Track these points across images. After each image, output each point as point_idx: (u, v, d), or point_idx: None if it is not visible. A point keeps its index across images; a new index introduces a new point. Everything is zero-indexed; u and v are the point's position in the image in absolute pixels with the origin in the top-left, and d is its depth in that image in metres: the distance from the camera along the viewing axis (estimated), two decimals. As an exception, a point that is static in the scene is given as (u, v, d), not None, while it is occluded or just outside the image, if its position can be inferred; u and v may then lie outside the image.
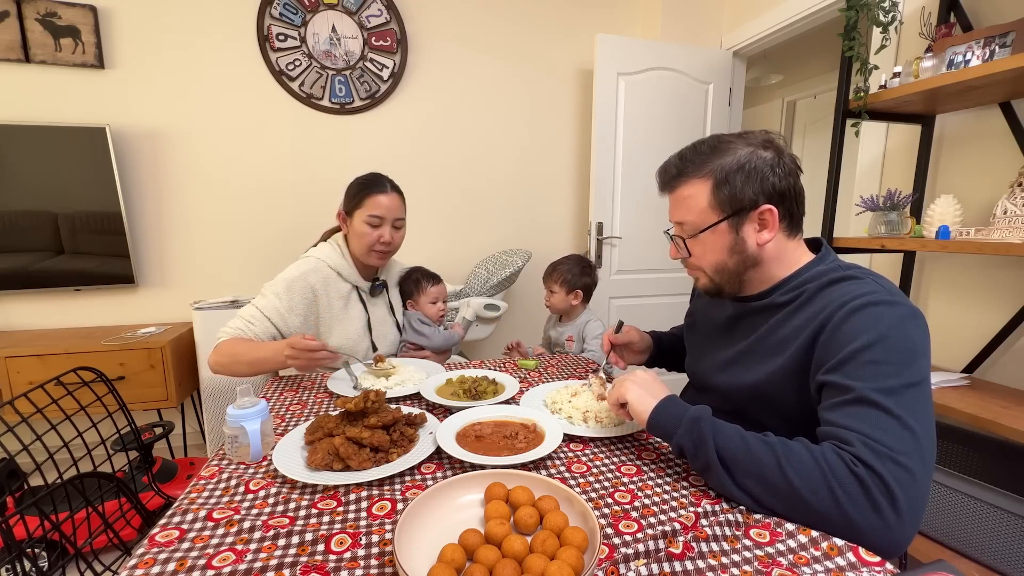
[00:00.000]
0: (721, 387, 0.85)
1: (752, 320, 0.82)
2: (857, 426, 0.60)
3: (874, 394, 0.60)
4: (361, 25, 2.30)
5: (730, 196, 0.75)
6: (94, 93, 2.05)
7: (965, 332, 1.56)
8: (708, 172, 0.76)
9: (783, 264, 0.79)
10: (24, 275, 2.01)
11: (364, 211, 1.28)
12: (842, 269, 0.75)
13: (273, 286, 1.26)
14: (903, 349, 0.63)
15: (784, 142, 0.77)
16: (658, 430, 0.73)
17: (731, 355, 0.84)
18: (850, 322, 0.66)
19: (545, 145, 2.69)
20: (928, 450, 0.59)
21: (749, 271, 0.80)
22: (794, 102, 3.87)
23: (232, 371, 1.17)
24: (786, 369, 0.73)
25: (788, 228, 0.78)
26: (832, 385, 0.65)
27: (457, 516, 0.62)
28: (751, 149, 0.74)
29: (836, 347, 0.66)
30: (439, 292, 1.53)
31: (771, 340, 0.77)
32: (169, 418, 2.23)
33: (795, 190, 0.76)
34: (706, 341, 0.95)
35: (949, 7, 1.49)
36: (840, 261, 0.79)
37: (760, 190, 0.74)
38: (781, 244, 0.78)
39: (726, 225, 0.77)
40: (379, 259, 1.35)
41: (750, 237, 0.77)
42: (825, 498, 0.57)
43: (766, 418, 0.77)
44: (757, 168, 0.73)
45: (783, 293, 0.77)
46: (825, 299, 0.71)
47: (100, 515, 1.03)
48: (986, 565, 1.18)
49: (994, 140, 1.46)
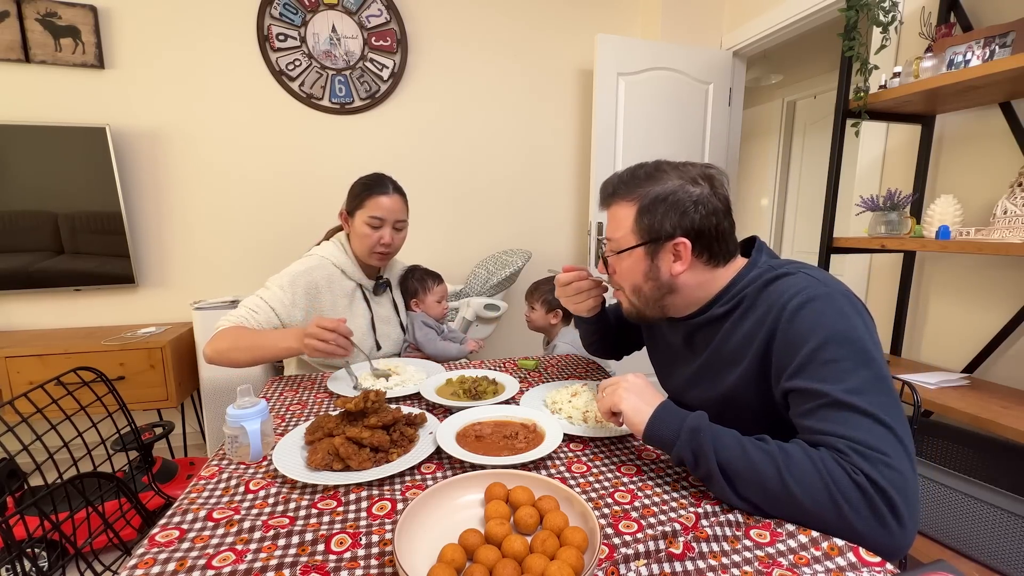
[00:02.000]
0: (695, 404, 0.85)
1: (704, 334, 0.83)
2: (840, 431, 0.60)
3: (845, 396, 0.61)
4: (361, 25, 2.30)
5: (649, 224, 0.77)
6: (94, 93, 2.05)
7: (965, 332, 1.56)
8: (636, 197, 0.78)
9: (705, 290, 0.80)
10: (24, 275, 2.01)
11: (365, 212, 1.28)
12: (773, 268, 0.76)
13: (278, 279, 1.25)
14: (853, 340, 0.64)
15: (724, 180, 0.78)
16: (655, 441, 0.71)
17: (694, 370, 0.86)
18: (795, 323, 0.67)
19: (545, 145, 2.69)
20: (908, 444, 0.60)
21: (667, 297, 0.81)
22: (794, 102, 3.87)
23: (229, 358, 1.13)
24: (747, 375, 0.74)
25: (708, 261, 0.78)
26: (799, 391, 0.66)
27: (457, 516, 0.62)
28: (681, 182, 0.76)
29: (791, 351, 0.67)
30: (443, 291, 1.54)
31: (726, 350, 0.78)
32: (169, 418, 2.23)
33: (716, 229, 0.76)
34: (670, 360, 0.95)
35: (949, 7, 1.49)
36: (772, 259, 0.80)
37: (678, 224, 0.75)
38: (699, 275, 0.79)
39: (642, 251, 0.79)
40: (379, 260, 1.35)
41: (664, 266, 0.78)
42: (828, 509, 0.57)
43: (738, 422, 0.76)
44: (680, 202, 0.75)
45: (721, 305, 0.79)
46: (766, 301, 0.72)
47: (100, 515, 1.03)
48: (986, 565, 1.18)
49: (994, 140, 1.46)
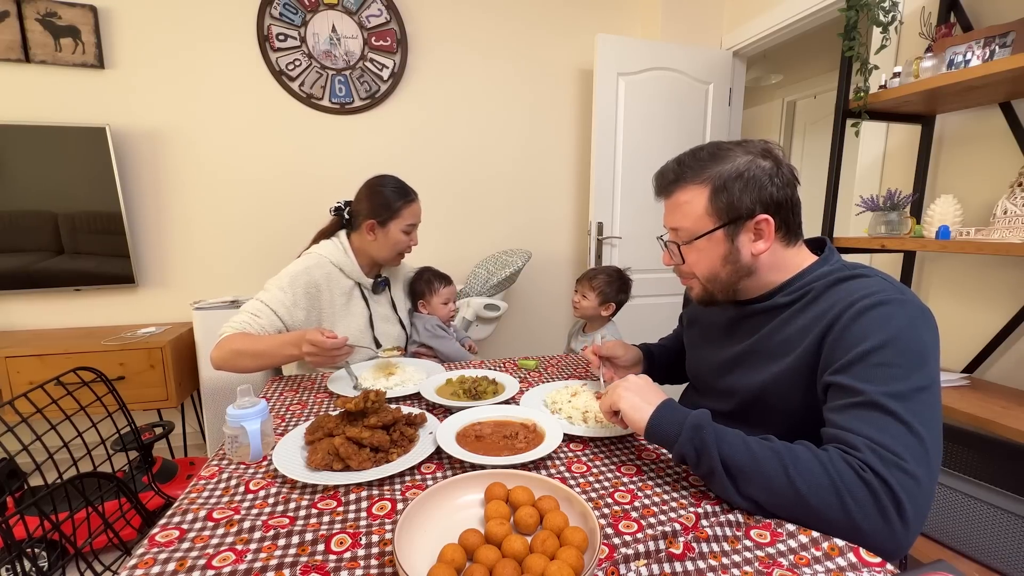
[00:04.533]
0: (725, 390, 0.83)
1: (754, 321, 0.81)
2: (864, 430, 0.59)
3: (884, 399, 0.59)
4: (361, 25, 2.30)
5: (727, 204, 0.74)
6: (94, 93, 2.05)
7: (965, 332, 1.56)
8: (706, 179, 0.75)
9: (780, 272, 0.78)
10: (24, 275, 2.01)
11: (402, 221, 1.31)
12: (848, 268, 0.74)
13: (277, 280, 1.25)
14: (914, 351, 0.61)
15: (782, 152, 0.76)
16: (657, 438, 0.70)
17: (732, 356, 0.83)
18: (859, 322, 0.65)
19: (545, 145, 2.69)
20: (935, 457, 0.58)
21: (743, 280, 0.79)
22: (794, 102, 3.87)
23: (236, 365, 1.13)
24: (793, 370, 0.72)
25: (785, 238, 0.77)
26: (840, 386, 0.64)
27: (457, 516, 0.62)
28: (750, 158, 0.73)
29: (845, 347, 0.65)
30: (450, 293, 1.54)
31: (774, 341, 0.76)
32: (169, 418, 2.23)
33: (792, 200, 0.75)
34: (706, 343, 0.93)
35: (949, 7, 1.49)
36: (845, 261, 0.78)
37: (758, 199, 0.73)
38: (777, 254, 0.77)
39: (722, 233, 0.76)
40: (399, 260, 1.40)
41: (745, 247, 0.76)
42: (833, 505, 0.56)
43: (769, 420, 0.76)
44: (756, 177, 0.72)
45: (786, 294, 0.76)
46: (832, 298, 0.70)
47: (100, 515, 1.03)
48: (986, 565, 1.18)
49: (994, 140, 1.46)
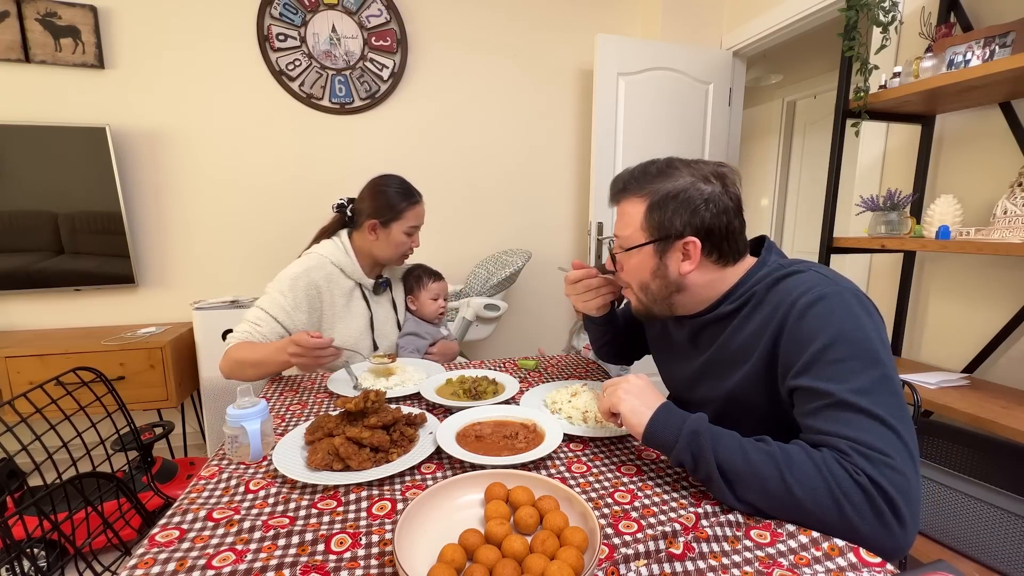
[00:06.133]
0: (700, 401, 0.86)
1: (710, 331, 0.83)
2: (844, 431, 0.60)
3: (851, 396, 0.60)
4: (361, 25, 2.30)
5: (659, 222, 0.76)
6: (94, 93, 2.05)
7: (965, 332, 1.56)
8: (647, 193, 0.77)
9: (714, 289, 0.80)
10: (24, 275, 2.01)
11: (405, 223, 1.31)
12: (783, 267, 0.76)
13: (277, 284, 1.25)
14: (860, 340, 0.63)
15: (737, 178, 0.77)
16: (655, 444, 0.71)
17: (698, 367, 0.85)
18: (805, 321, 0.67)
19: (545, 145, 2.69)
20: (911, 446, 0.59)
21: (675, 295, 0.80)
22: (794, 102, 3.87)
23: (241, 375, 1.16)
24: (754, 373, 0.74)
25: (717, 261, 0.78)
26: (805, 390, 0.65)
27: (457, 516, 0.62)
28: (692, 180, 0.75)
29: (798, 349, 0.67)
30: (440, 289, 1.53)
31: (732, 347, 0.78)
32: (169, 418, 2.23)
33: (727, 228, 0.76)
34: (674, 358, 0.95)
35: (949, 7, 1.49)
36: (781, 259, 0.80)
37: (688, 222, 0.74)
38: (708, 274, 0.78)
39: (651, 248, 0.78)
40: (402, 261, 1.40)
41: (673, 264, 0.78)
42: (830, 509, 0.57)
43: (743, 423, 0.76)
44: (690, 199, 0.74)
45: (731, 302, 0.78)
46: (774, 299, 0.72)
47: (100, 515, 1.03)
48: (986, 565, 1.18)
49: (994, 140, 1.46)
